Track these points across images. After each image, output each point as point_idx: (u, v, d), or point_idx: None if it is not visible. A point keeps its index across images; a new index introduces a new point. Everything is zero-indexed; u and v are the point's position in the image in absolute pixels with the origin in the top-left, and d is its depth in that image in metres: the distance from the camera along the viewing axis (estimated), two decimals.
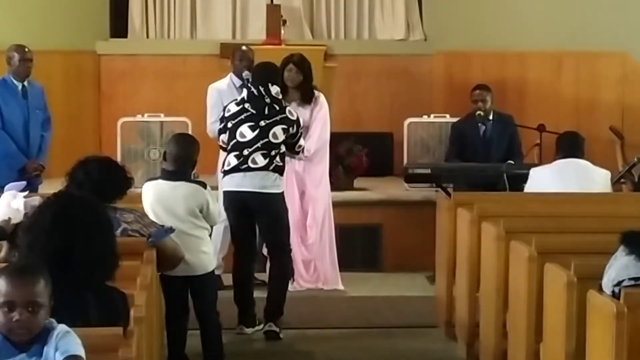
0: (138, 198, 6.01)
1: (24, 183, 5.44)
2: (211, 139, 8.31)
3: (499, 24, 10.89)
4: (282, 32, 10.44)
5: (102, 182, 5.06)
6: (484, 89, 8.94)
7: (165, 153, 6.17)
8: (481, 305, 6.21)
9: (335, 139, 8.37)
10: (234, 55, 8.24)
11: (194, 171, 6.21)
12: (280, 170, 6.88)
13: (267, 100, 6.87)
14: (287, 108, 6.96)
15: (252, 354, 6.38)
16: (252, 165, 6.79)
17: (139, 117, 9.35)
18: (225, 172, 6.95)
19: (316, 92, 7.81)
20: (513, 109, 9.72)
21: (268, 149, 6.80)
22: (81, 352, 3.16)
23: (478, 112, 8.81)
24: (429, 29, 11.13)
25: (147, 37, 11.17)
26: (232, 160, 6.89)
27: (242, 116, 6.87)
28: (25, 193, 5.13)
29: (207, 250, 5.97)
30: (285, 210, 7.00)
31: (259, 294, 7.02)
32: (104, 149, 9.99)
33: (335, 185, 8.54)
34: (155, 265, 5.05)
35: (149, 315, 4.24)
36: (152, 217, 5.60)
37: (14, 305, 3.12)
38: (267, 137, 6.80)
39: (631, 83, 10.96)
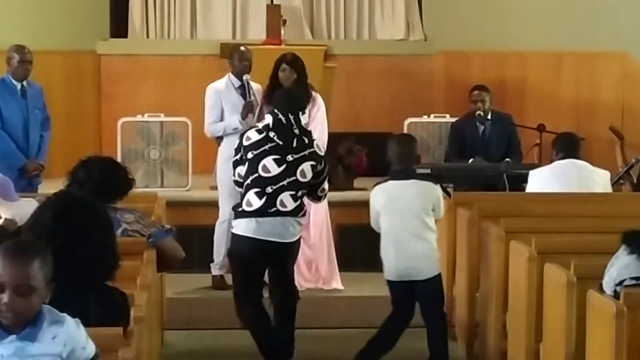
0: (138, 198, 6.01)
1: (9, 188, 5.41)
2: (209, 139, 8.33)
3: (498, 24, 10.89)
4: (282, 32, 10.43)
5: (103, 182, 5.06)
6: (483, 89, 8.96)
7: (388, 155, 6.04)
8: (481, 305, 6.21)
9: (335, 139, 8.37)
10: (232, 56, 8.24)
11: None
12: (305, 215, 6.04)
13: (296, 131, 5.89)
14: (315, 142, 6.03)
15: (252, 354, 6.36)
16: (281, 209, 5.82)
17: (139, 117, 9.35)
18: (246, 214, 5.90)
19: (313, 93, 7.77)
20: (513, 109, 9.72)
21: (296, 189, 5.86)
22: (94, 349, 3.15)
23: (478, 112, 8.82)
24: (429, 29, 11.13)
25: (147, 37, 11.17)
26: (254, 200, 5.84)
27: (266, 147, 5.86)
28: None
29: (435, 254, 5.96)
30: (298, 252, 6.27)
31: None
32: (104, 149, 9.99)
33: (335, 185, 8.54)
34: (155, 266, 5.05)
35: (149, 315, 4.24)
36: (383, 219, 5.77)
37: (3, 286, 2.99)
38: (295, 174, 5.85)
39: (631, 83, 10.96)
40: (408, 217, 5.83)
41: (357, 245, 8.79)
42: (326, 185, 6.22)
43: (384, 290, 6.24)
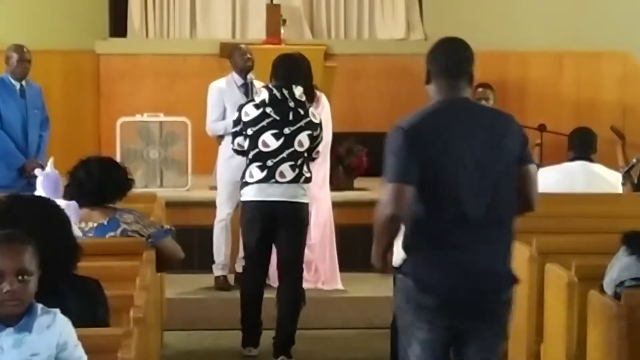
0: (138, 198, 6.00)
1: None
2: (209, 139, 8.31)
3: (499, 23, 10.88)
4: (282, 31, 10.43)
5: (103, 182, 5.05)
6: (487, 87, 8.93)
7: None
8: None
9: (335, 139, 8.35)
10: (233, 55, 8.23)
11: None
12: (309, 181, 6.41)
13: (291, 104, 6.31)
14: (310, 110, 6.46)
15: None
16: (280, 180, 6.27)
17: (138, 117, 9.33)
18: (249, 184, 6.36)
19: (318, 92, 7.78)
20: (514, 109, 9.67)
21: (295, 159, 6.29)
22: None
23: None
24: (429, 29, 11.11)
25: (147, 36, 11.16)
26: (256, 173, 6.30)
27: (264, 122, 6.27)
28: None
29: None
30: (307, 224, 6.58)
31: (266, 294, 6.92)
32: (103, 149, 9.98)
33: (335, 185, 8.51)
34: (155, 266, 5.03)
35: (149, 316, 4.22)
36: None
37: (3, 274, 3.03)
38: (293, 145, 6.28)
39: (632, 83, 10.95)
40: None
41: (357, 245, 8.77)
42: (320, 147, 6.59)
43: (384, 291, 6.23)
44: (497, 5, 10.98)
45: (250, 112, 6.31)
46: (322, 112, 7.77)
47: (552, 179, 6.90)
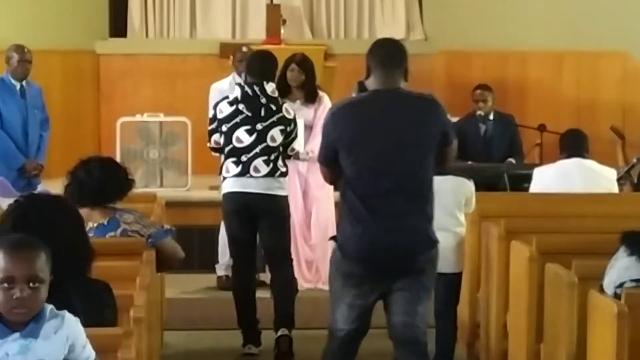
0: (138, 198, 6.00)
1: (8, 186, 5.41)
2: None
3: (499, 23, 10.87)
4: (282, 31, 10.43)
5: (103, 182, 5.05)
6: (486, 88, 8.94)
7: None
8: (482, 306, 6.20)
9: None
10: (234, 56, 8.24)
11: None
12: (284, 175, 6.53)
13: (263, 100, 6.44)
14: (284, 106, 6.55)
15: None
16: (254, 174, 6.39)
17: (138, 117, 9.33)
18: (226, 178, 6.53)
19: (320, 92, 7.82)
20: (514, 109, 9.71)
21: (267, 153, 6.41)
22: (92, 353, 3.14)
23: (478, 112, 8.81)
24: (430, 28, 11.11)
25: (147, 36, 11.16)
26: (232, 168, 6.45)
27: (237, 119, 6.42)
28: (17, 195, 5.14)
29: (463, 250, 6.05)
30: (288, 216, 6.67)
31: (260, 294, 6.95)
32: (103, 149, 9.98)
33: (335, 185, 8.50)
34: (155, 266, 5.03)
35: (149, 316, 4.22)
36: None
37: (14, 280, 2.99)
38: (265, 140, 6.40)
39: (632, 83, 10.95)
40: (440, 212, 5.75)
41: None
42: (296, 146, 6.75)
43: None
44: (497, 5, 10.98)
45: (224, 109, 6.45)
46: (324, 112, 7.78)
47: (548, 177, 6.97)
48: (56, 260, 3.17)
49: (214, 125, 6.54)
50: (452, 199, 5.94)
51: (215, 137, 6.54)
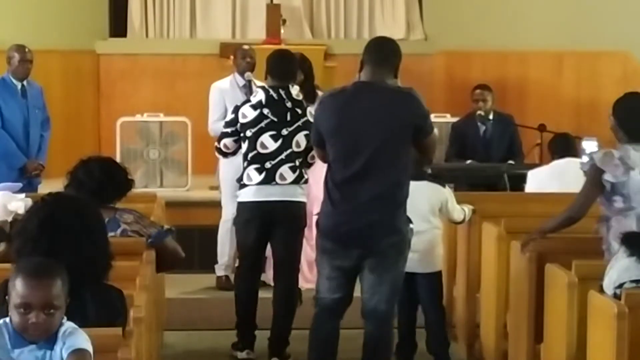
0: (138, 198, 6.00)
1: (19, 185, 5.44)
2: (209, 139, 8.30)
3: (499, 23, 10.88)
4: (282, 31, 10.44)
5: (103, 182, 5.04)
6: (485, 88, 8.93)
7: None
8: (481, 306, 6.20)
9: None
10: (235, 55, 8.24)
11: None
12: (307, 181, 6.30)
13: (288, 104, 6.16)
14: (308, 109, 6.25)
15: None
16: (280, 182, 6.13)
17: (138, 117, 9.34)
18: (247, 186, 6.22)
19: (319, 92, 7.80)
20: (513, 109, 9.71)
21: (293, 160, 6.15)
22: (88, 347, 3.15)
23: (478, 112, 8.80)
24: (430, 28, 11.12)
25: (147, 36, 11.17)
26: (254, 175, 6.15)
27: (262, 124, 6.12)
28: (22, 195, 5.14)
29: (440, 251, 6.13)
30: (305, 226, 6.38)
31: (260, 294, 6.93)
32: (103, 149, 9.99)
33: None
34: (155, 266, 5.03)
35: (149, 316, 4.23)
36: None
37: (30, 307, 3.08)
38: (291, 146, 6.14)
39: (632, 83, 10.92)
40: (414, 217, 5.76)
41: None
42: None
43: None
44: (497, 5, 10.98)
45: (248, 113, 6.16)
46: None
47: (543, 177, 7.00)
48: (77, 266, 3.21)
49: (230, 129, 6.26)
50: (426, 205, 5.98)
51: (227, 141, 6.30)
